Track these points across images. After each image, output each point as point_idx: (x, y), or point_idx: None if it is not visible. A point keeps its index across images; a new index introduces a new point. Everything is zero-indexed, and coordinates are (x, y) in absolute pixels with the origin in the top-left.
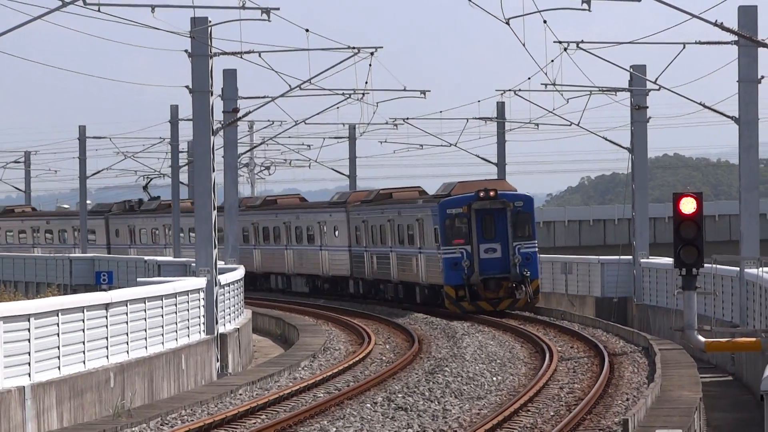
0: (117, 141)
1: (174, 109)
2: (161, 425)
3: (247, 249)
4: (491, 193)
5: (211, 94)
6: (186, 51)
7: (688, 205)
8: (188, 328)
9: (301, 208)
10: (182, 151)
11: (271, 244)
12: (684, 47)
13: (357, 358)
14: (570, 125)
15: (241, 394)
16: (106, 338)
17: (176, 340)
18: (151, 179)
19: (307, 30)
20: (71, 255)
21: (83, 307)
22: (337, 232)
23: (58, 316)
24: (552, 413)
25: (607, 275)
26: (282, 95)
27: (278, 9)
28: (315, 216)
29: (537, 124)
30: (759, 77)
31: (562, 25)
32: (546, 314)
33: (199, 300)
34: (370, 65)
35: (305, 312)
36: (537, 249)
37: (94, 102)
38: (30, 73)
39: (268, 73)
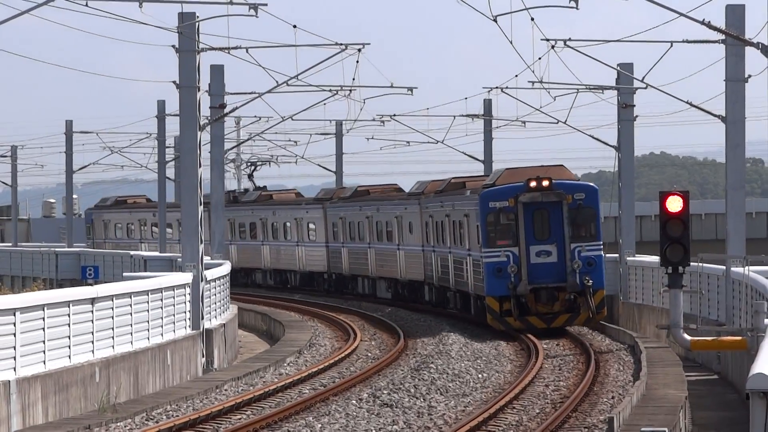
0: (103, 136)
1: (161, 105)
2: (146, 420)
3: (335, 248)
4: (544, 183)
5: (198, 90)
6: (173, 46)
7: (674, 204)
8: (174, 323)
9: (381, 200)
10: (169, 147)
11: (356, 241)
12: (671, 46)
13: (342, 355)
14: (557, 123)
15: (226, 390)
16: (92, 333)
17: (162, 335)
18: (256, 167)
19: (294, 26)
20: (57, 249)
21: (69, 301)
22: (412, 229)
23: (43, 310)
24: (537, 411)
25: None
26: (269, 91)
27: (266, 5)
28: (392, 209)
29: (524, 122)
30: (746, 76)
31: (550, 22)
32: None
33: (185, 295)
34: (357, 62)
35: (291, 308)
36: (603, 252)
37: (80, 97)
38: (17, 67)
39: (255, 69)
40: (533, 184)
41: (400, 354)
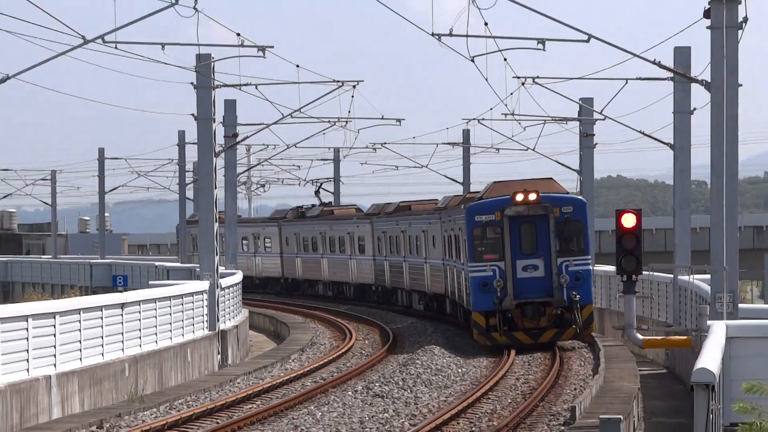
0: (131, 161)
1: (181, 134)
2: (169, 409)
3: (380, 261)
4: (530, 196)
5: (214, 121)
6: (192, 83)
7: (628, 220)
8: (193, 325)
9: (412, 215)
10: (188, 171)
11: (395, 255)
12: (626, 82)
13: (340, 352)
14: (526, 150)
15: (239, 383)
16: (122, 334)
17: (183, 335)
18: (321, 184)
19: (297, 66)
20: (91, 261)
21: (101, 306)
22: (435, 243)
23: (79, 314)
24: (509, 401)
25: None
26: (275, 122)
27: (272, 47)
28: (420, 224)
29: (498, 149)
30: (692, 109)
31: (521, 62)
32: None
33: (202, 300)
34: (352, 96)
35: (295, 312)
36: (591, 267)
37: (111, 127)
38: (55, 102)
39: (263, 103)
40: (519, 197)
41: (390, 351)
